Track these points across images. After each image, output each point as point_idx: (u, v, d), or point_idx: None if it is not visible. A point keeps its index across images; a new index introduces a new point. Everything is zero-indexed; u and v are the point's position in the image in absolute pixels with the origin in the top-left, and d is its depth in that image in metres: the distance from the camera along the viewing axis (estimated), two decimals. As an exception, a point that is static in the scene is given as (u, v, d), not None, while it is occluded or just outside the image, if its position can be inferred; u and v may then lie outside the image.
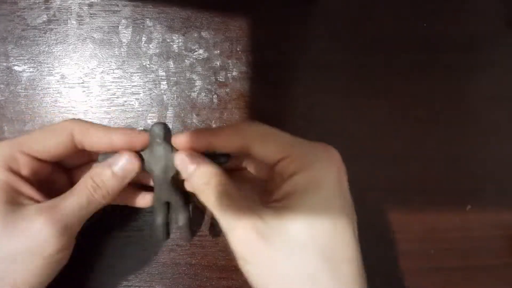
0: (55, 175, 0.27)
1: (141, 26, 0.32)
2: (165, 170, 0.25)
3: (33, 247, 0.21)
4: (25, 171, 0.24)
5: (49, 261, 0.22)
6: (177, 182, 0.26)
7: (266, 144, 0.23)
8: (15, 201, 0.22)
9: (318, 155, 0.22)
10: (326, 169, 0.22)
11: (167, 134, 0.24)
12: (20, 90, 0.31)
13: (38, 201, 0.23)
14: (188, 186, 0.25)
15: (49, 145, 0.24)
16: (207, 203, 0.23)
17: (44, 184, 0.25)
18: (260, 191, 0.25)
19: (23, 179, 0.23)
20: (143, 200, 0.28)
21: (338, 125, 0.33)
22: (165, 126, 0.24)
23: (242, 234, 0.21)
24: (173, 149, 0.24)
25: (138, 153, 0.25)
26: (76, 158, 0.27)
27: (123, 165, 0.24)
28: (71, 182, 0.27)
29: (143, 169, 0.25)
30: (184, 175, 0.24)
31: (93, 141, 0.24)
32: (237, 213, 0.21)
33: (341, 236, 0.21)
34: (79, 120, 0.25)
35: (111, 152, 0.24)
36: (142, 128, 0.31)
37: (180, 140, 0.24)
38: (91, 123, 0.25)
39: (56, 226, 0.21)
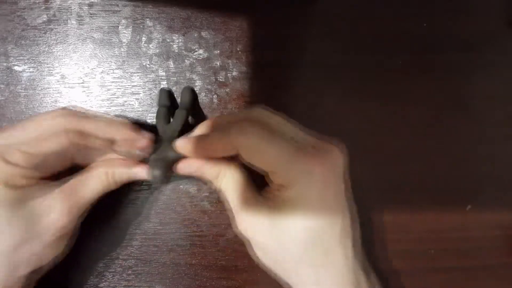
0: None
1: (141, 26, 0.32)
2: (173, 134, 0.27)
3: (51, 227, 0.23)
4: (24, 162, 0.24)
5: (60, 237, 0.25)
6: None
7: (253, 158, 0.24)
8: (33, 197, 0.24)
9: (302, 169, 0.24)
10: (307, 184, 0.24)
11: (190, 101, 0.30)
12: (20, 90, 0.31)
13: (48, 183, 0.25)
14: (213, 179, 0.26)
15: (43, 146, 0.24)
16: (229, 200, 0.26)
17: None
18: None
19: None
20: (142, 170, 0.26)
21: (338, 125, 0.33)
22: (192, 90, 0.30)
23: (256, 226, 0.25)
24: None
25: None
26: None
27: (140, 173, 0.26)
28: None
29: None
30: (209, 176, 0.26)
31: (91, 142, 0.24)
32: (252, 212, 0.24)
33: (326, 244, 0.24)
34: (74, 114, 0.25)
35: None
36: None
37: (183, 148, 0.25)
38: (87, 118, 0.25)
39: (74, 210, 0.24)
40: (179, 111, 0.29)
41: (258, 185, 0.27)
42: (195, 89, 0.32)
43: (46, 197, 0.24)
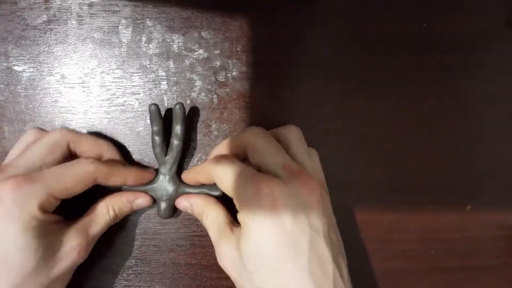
0: None
1: (141, 26, 0.32)
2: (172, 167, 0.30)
3: (69, 267, 0.26)
4: (52, 208, 0.26)
5: (68, 272, 0.27)
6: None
7: (220, 185, 0.27)
8: (52, 233, 0.26)
9: (250, 196, 0.25)
10: (256, 205, 0.25)
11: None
12: (20, 90, 0.31)
13: (65, 222, 0.27)
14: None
15: (74, 192, 0.27)
16: (210, 236, 0.28)
17: None
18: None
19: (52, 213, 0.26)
20: (145, 201, 0.30)
21: (338, 125, 0.33)
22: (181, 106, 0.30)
23: (228, 255, 0.26)
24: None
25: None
26: None
27: (140, 203, 0.30)
28: None
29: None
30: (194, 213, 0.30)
31: (110, 182, 0.28)
32: (225, 247, 0.26)
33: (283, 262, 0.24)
34: (101, 162, 0.27)
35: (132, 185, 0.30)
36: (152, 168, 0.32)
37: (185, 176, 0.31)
38: (111, 166, 0.28)
39: (86, 248, 0.27)
40: (174, 143, 0.30)
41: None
42: (195, 89, 0.32)
43: (61, 233, 0.26)
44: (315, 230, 0.24)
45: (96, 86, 0.32)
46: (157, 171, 0.31)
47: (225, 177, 0.26)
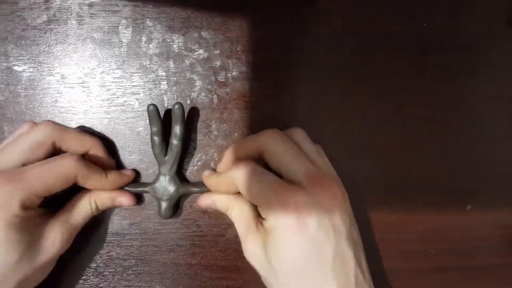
0: None
1: (141, 26, 0.32)
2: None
3: (52, 257, 0.27)
4: (35, 204, 0.27)
5: (51, 262, 0.28)
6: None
7: (246, 194, 0.27)
8: (35, 227, 0.26)
9: (277, 201, 0.25)
10: (280, 218, 0.25)
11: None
12: (20, 90, 0.31)
13: (48, 215, 0.28)
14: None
15: (55, 190, 0.27)
16: (237, 230, 0.29)
17: None
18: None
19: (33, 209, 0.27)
20: (127, 200, 0.30)
21: (338, 125, 0.33)
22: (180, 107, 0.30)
23: (255, 251, 0.27)
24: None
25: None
26: None
27: (123, 202, 0.30)
28: None
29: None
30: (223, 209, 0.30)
31: (87, 186, 0.28)
32: (252, 242, 0.27)
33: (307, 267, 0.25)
34: (83, 163, 0.27)
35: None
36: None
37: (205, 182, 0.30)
38: (91, 170, 0.28)
39: (68, 238, 0.28)
40: (173, 143, 0.30)
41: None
42: (195, 89, 0.32)
43: (44, 224, 0.27)
44: (338, 233, 0.25)
45: (96, 86, 0.32)
46: (136, 171, 0.31)
47: (250, 186, 0.26)
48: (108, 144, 0.31)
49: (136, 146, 0.32)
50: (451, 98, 0.34)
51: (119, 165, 0.32)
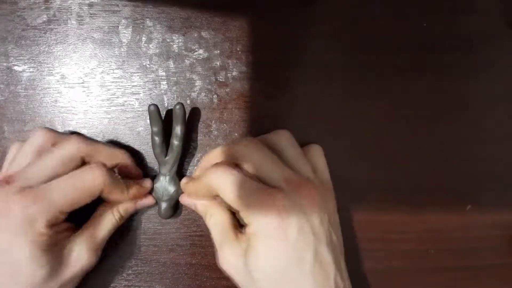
0: None
1: (141, 26, 0.32)
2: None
3: (79, 272, 0.27)
4: (60, 221, 0.26)
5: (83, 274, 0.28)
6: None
7: (226, 198, 0.26)
8: (60, 243, 0.26)
9: (259, 207, 0.25)
10: (264, 221, 0.25)
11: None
12: (20, 90, 0.31)
13: (72, 228, 0.28)
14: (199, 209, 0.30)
15: (79, 204, 0.27)
16: (213, 238, 0.29)
17: None
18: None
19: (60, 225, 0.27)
20: (148, 200, 0.31)
21: (338, 125, 0.33)
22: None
23: (232, 261, 0.27)
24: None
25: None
26: None
27: (144, 203, 0.30)
28: None
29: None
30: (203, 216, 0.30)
31: (111, 198, 0.28)
32: (229, 251, 0.27)
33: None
34: (109, 178, 0.27)
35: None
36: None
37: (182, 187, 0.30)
38: (116, 181, 0.27)
39: (95, 252, 0.28)
40: (174, 143, 0.30)
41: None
42: (195, 89, 0.32)
43: (70, 240, 0.27)
44: (318, 239, 0.25)
45: (96, 86, 0.32)
46: (154, 179, 0.31)
47: (229, 191, 0.26)
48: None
49: (136, 146, 0.32)
50: (451, 98, 0.34)
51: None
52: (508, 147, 0.34)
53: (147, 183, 0.30)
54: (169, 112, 0.32)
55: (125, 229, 0.31)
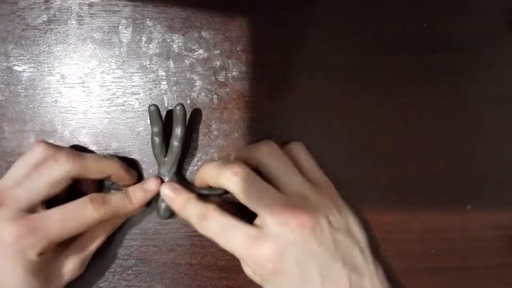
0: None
1: (141, 26, 0.32)
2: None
3: (65, 283, 0.28)
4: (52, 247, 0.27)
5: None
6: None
7: (243, 198, 0.27)
8: (50, 262, 0.27)
9: (277, 221, 0.26)
10: (268, 217, 0.26)
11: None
12: (20, 90, 0.31)
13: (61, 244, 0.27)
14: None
15: (73, 234, 0.27)
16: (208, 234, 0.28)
17: None
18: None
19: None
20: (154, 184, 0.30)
21: (338, 125, 0.33)
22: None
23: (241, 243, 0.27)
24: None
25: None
26: None
27: (152, 185, 0.30)
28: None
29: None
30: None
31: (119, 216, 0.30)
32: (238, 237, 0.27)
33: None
34: (108, 210, 0.27)
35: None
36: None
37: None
38: (115, 206, 0.28)
39: (83, 264, 0.29)
40: (174, 144, 0.30)
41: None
42: (195, 89, 0.32)
43: (59, 256, 0.28)
44: (320, 258, 0.26)
45: (96, 86, 0.32)
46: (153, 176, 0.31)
47: (250, 192, 0.27)
48: (108, 144, 0.31)
49: (136, 146, 0.32)
50: (451, 98, 0.34)
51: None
52: (508, 147, 0.34)
53: (152, 185, 0.30)
54: (169, 112, 0.32)
55: (125, 229, 0.31)
